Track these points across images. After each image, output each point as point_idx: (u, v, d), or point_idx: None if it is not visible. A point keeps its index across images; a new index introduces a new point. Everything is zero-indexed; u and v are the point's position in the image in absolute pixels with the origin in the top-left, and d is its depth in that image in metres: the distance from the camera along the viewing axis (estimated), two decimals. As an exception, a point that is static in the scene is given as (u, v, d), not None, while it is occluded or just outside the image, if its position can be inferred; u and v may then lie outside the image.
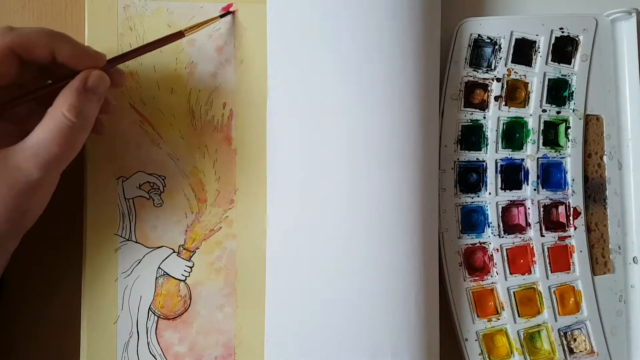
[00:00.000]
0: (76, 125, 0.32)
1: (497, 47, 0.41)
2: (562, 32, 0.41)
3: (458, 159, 0.41)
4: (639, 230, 0.41)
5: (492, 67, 0.41)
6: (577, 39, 0.41)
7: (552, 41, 0.41)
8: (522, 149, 0.41)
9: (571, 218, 0.41)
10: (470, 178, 0.42)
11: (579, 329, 0.41)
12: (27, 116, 0.35)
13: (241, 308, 0.40)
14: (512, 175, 0.41)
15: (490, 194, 0.41)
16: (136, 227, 0.39)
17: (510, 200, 0.41)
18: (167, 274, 0.39)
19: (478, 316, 0.41)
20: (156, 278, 0.39)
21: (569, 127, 0.41)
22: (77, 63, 0.33)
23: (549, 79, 0.41)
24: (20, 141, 0.32)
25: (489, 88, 0.41)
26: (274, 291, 0.39)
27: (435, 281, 0.40)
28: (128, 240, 0.39)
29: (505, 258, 0.41)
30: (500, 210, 0.41)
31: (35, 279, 0.40)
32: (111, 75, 0.35)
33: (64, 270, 0.40)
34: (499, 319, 0.41)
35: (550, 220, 0.41)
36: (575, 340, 0.41)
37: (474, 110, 0.41)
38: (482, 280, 0.41)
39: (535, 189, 0.41)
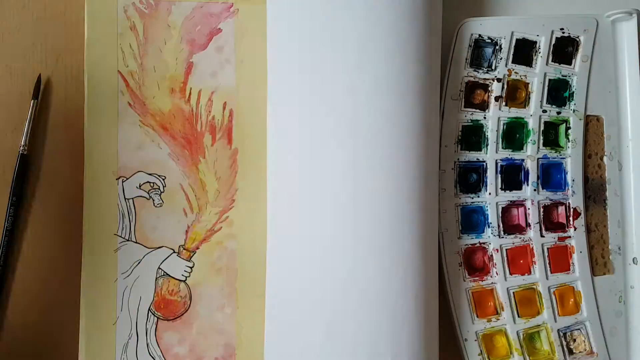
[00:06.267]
0: None
1: (497, 47, 0.41)
2: (563, 32, 0.41)
3: (458, 159, 0.41)
4: (639, 231, 0.41)
5: (493, 68, 0.41)
6: (577, 39, 0.41)
7: (553, 42, 0.41)
8: (522, 149, 0.41)
9: (571, 219, 0.41)
10: (470, 178, 0.42)
11: (579, 329, 0.41)
12: None
13: (241, 308, 0.40)
14: (512, 176, 0.41)
15: (490, 194, 0.41)
16: (136, 227, 0.39)
17: (510, 201, 0.41)
18: (167, 274, 0.39)
19: (477, 316, 0.41)
20: (156, 278, 0.39)
21: (569, 128, 0.41)
22: None
23: (550, 80, 0.41)
24: None
25: (490, 88, 0.41)
26: (274, 291, 0.39)
27: (435, 281, 0.40)
28: (128, 240, 0.39)
29: (505, 258, 0.41)
30: (500, 210, 0.41)
31: (34, 279, 0.40)
32: None
33: (63, 270, 0.40)
34: (498, 319, 0.41)
35: (550, 221, 0.42)
36: (574, 340, 0.41)
37: (474, 110, 0.41)
38: (482, 281, 0.41)
39: (535, 190, 0.41)
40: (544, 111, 0.41)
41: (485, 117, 0.41)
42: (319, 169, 0.39)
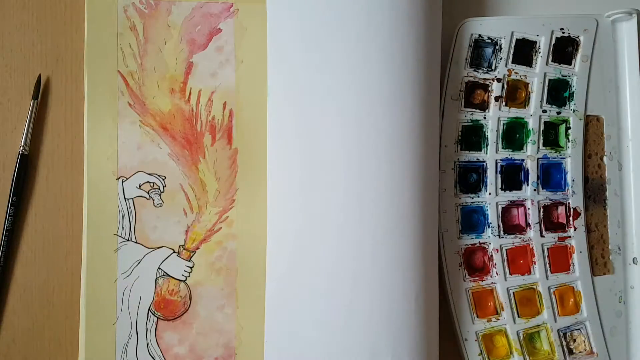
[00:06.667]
0: None
1: (497, 47, 0.41)
2: (563, 32, 0.41)
3: (458, 159, 0.41)
4: (639, 231, 0.41)
5: (493, 68, 0.41)
6: (577, 39, 0.41)
7: (553, 42, 0.41)
8: (522, 149, 0.41)
9: (571, 219, 0.41)
10: (470, 178, 0.42)
11: (579, 329, 0.41)
12: None
13: (241, 308, 0.40)
14: (512, 176, 0.41)
15: (490, 194, 0.41)
16: (136, 227, 0.39)
17: (510, 201, 0.41)
18: (167, 274, 0.39)
19: (477, 316, 0.41)
20: (156, 278, 0.39)
21: (569, 128, 0.41)
22: None
23: (550, 80, 0.41)
24: None
25: (490, 88, 0.41)
26: (274, 291, 0.39)
27: (435, 281, 0.40)
28: (128, 240, 0.39)
29: (505, 258, 0.41)
30: (500, 210, 0.41)
31: (34, 279, 0.40)
32: None
33: (63, 270, 0.40)
34: (498, 319, 0.41)
35: (550, 221, 0.41)
36: (574, 340, 0.41)
37: (474, 110, 0.41)
38: (482, 281, 0.41)
39: (535, 190, 0.41)
40: (544, 111, 0.41)
41: (485, 117, 0.41)
42: (319, 168, 0.38)
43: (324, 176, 0.38)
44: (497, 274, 0.41)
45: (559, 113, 0.41)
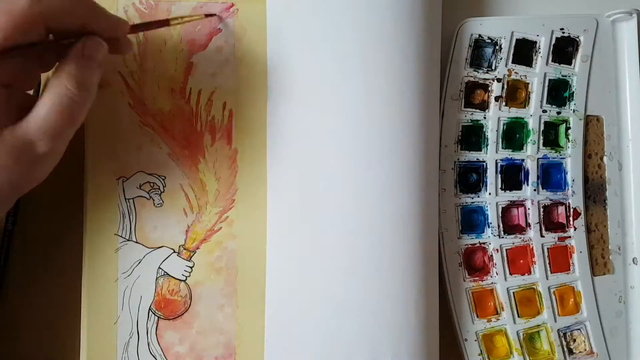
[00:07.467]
0: (77, 96, 0.32)
1: (497, 47, 0.41)
2: (563, 32, 0.41)
3: (458, 159, 0.41)
4: (639, 231, 0.41)
5: (493, 68, 0.41)
6: (577, 39, 0.41)
7: (553, 42, 0.41)
8: (522, 149, 0.41)
9: (571, 219, 0.41)
10: (470, 178, 0.42)
11: (579, 329, 0.41)
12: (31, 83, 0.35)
13: (241, 308, 0.40)
14: (512, 176, 0.41)
15: (490, 194, 0.41)
16: (136, 227, 0.39)
17: (510, 201, 0.41)
18: (168, 274, 0.39)
19: (478, 316, 0.41)
20: (156, 278, 0.39)
21: (569, 128, 0.41)
22: (104, 33, 0.33)
23: (550, 80, 0.41)
24: (27, 115, 0.31)
25: (490, 88, 0.41)
26: (274, 291, 0.39)
27: (435, 281, 0.40)
28: (128, 240, 0.39)
29: (505, 258, 0.41)
30: (500, 210, 0.41)
31: (35, 278, 0.40)
32: (120, 43, 0.35)
33: (64, 270, 0.40)
34: (498, 320, 0.41)
35: (550, 221, 0.42)
36: (574, 340, 0.41)
37: (474, 110, 0.41)
38: (482, 281, 0.41)
39: (535, 190, 0.41)
40: (544, 111, 0.41)
41: (485, 117, 0.41)
42: (319, 169, 0.39)
43: (324, 176, 0.38)
44: (497, 274, 0.41)
45: (559, 113, 0.41)
